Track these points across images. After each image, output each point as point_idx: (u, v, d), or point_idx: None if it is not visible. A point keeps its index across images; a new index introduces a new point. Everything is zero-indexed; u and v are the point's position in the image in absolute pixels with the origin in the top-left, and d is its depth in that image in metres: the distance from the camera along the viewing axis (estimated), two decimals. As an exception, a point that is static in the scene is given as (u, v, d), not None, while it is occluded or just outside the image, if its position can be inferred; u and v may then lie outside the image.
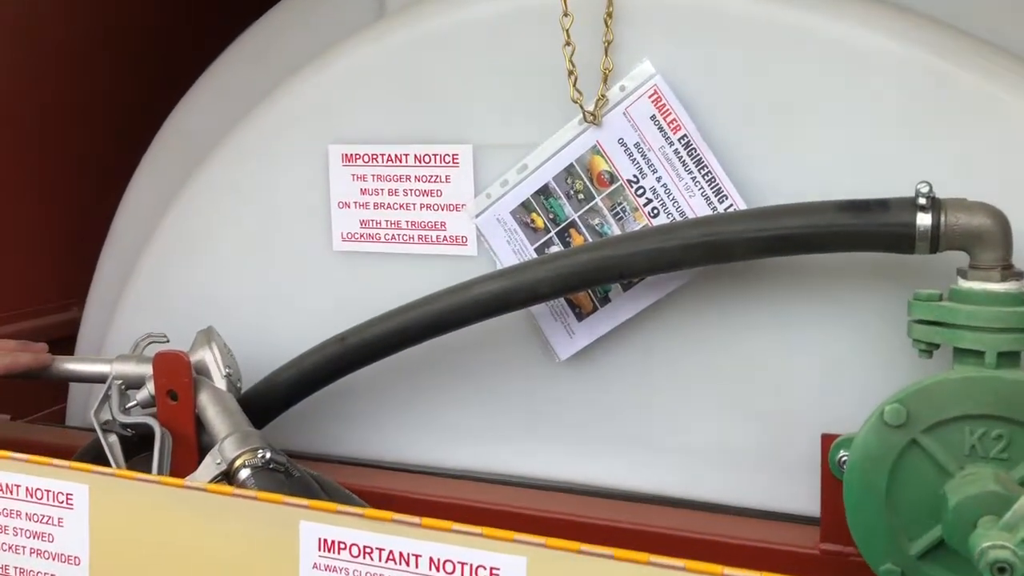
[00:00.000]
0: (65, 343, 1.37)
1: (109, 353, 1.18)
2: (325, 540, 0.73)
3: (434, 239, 1.08)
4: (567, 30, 0.96)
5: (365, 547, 0.71)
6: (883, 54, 0.90)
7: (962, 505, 0.73)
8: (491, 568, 0.68)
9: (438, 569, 0.69)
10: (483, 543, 0.68)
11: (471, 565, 0.68)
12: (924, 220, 0.80)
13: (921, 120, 0.89)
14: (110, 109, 1.50)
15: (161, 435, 1.00)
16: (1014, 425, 0.75)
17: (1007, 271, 0.79)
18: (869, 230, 0.82)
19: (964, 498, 0.73)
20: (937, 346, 0.82)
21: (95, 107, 1.48)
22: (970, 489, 0.73)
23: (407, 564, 0.70)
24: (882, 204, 0.83)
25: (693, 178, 0.95)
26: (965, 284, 0.80)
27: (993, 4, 0.94)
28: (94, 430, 1.17)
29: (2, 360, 1.07)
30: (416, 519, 0.70)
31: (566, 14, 0.95)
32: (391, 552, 0.71)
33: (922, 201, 0.80)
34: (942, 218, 0.80)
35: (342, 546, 0.72)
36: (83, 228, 1.46)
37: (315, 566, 0.73)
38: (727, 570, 0.63)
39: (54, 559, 0.83)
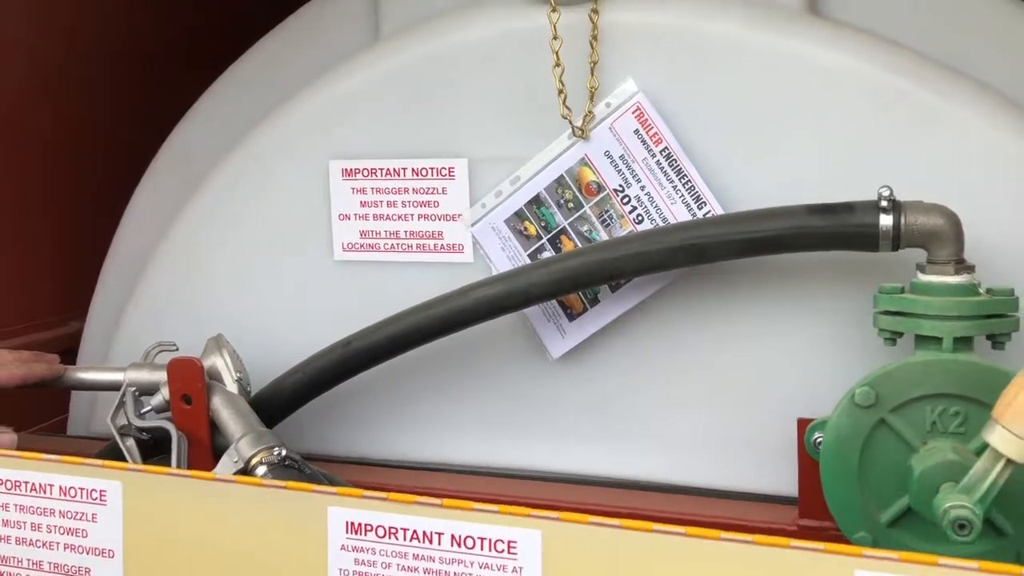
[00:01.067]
0: (65, 356, 1.40)
1: (113, 363, 1.22)
2: (352, 523, 0.78)
3: (432, 247, 1.14)
4: (556, 52, 1.02)
5: (390, 528, 0.77)
6: (847, 72, 0.97)
7: (925, 474, 0.80)
8: (509, 542, 0.74)
9: (459, 545, 0.75)
10: (501, 519, 0.74)
11: (490, 540, 0.74)
12: (886, 221, 0.88)
13: (881, 131, 0.96)
14: (111, 130, 1.53)
15: (177, 437, 1.05)
16: (969, 402, 0.82)
17: (960, 265, 0.87)
18: (837, 231, 0.90)
19: (927, 467, 0.80)
20: (901, 334, 0.89)
21: (97, 129, 1.51)
22: (932, 460, 0.80)
23: (430, 542, 0.76)
24: (848, 207, 0.90)
25: (674, 187, 1.03)
26: (924, 278, 0.88)
27: (944, 27, 1.03)
28: (97, 439, 1.22)
29: (19, 370, 1.10)
30: (437, 500, 0.76)
31: (555, 37, 1.02)
32: (415, 531, 0.76)
33: (884, 204, 0.88)
34: (902, 219, 0.88)
35: (368, 528, 0.77)
36: (81, 244, 1.49)
37: (343, 547, 0.78)
38: (724, 534, 0.70)
39: (88, 553, 0.87)
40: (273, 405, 1.12)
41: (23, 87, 1.38)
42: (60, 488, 0.88)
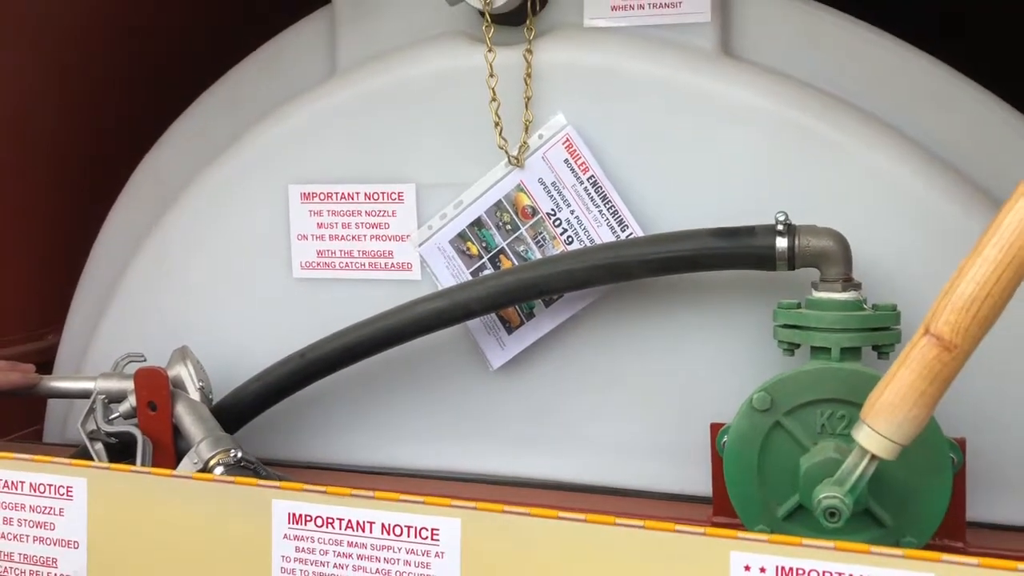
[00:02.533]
0: (42, 368, 1.47)
1: (86, 374, 1.30)
2: (294, 514, 0.86)
3: (382, 266, 1.22)
4: (493, 88, 1.12)
5: (328, 518, 0.85)
6: (755, 108, 1.07)
7: (809, 471, 0.88)
8: (432, 529, 0.82)
9: (389, 533, 0.83)
10: (425, 509, 0.82)
11: (415, 528, 0.82)
12: (782, 243, 0.97)
13: (781, 161, 1.06)
14: (87, 154, 1.61)
15: (142, 442, 1.12)
16: (853, 406, 0.90)
17: (847, 283, 0.96)
18: (739, 252, 0.99)
19: (811, 465, 0.89)
20: (798, 345, 0.97)
21: (72, 154, 1.59)
22: (816, 458, 0.89)
23: (363, 530, 0.84)
24: (749, 230, 0.99)
25: (600, 211, 1.12)
26: (816, 294, 0.96)
27: (842, 67, 1.12)
28: (70, 446, 1.29)
29: (-4, 378, 1.19)
30: (370, 492, 0.84)
31: (492, 75, 1.12)
32: (349, 521, 0.84)
33: (780, 228, 0.97)
34: (796, 241, 0.97)
35: (308, 518, 0.86)
36: (59, 262, 1.56)
37: (285, 536, 0.86)
38: (619, 520, 0.79)
39: (55, 544, 0.94)
40: (234, 412, 1.20)
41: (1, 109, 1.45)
42: (31, 485, 0.96)
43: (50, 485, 0.95)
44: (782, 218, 0.98)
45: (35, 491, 0.96)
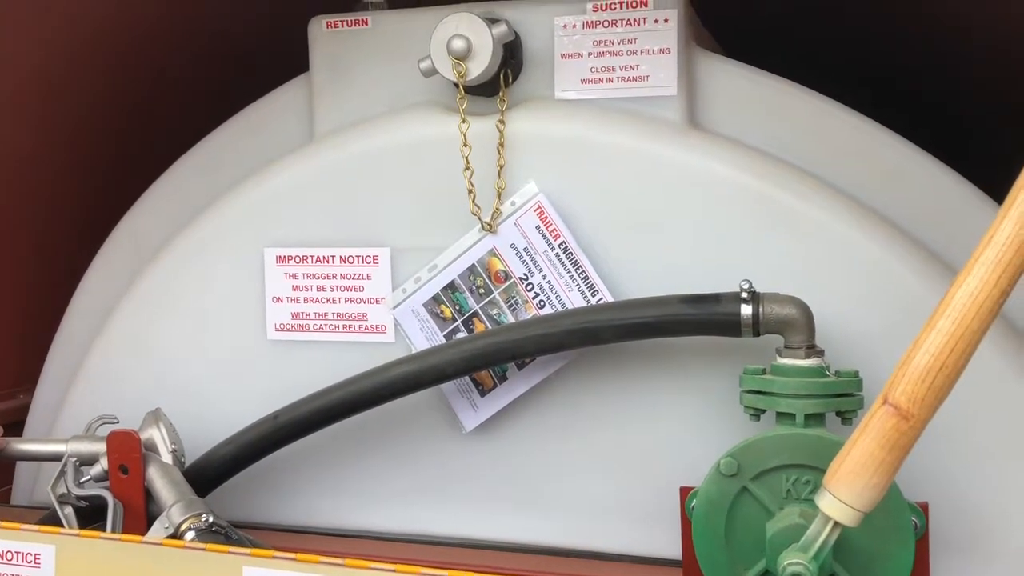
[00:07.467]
0: (13, 428, 1.46)
1: (59, 435, 1.29)
2: (264, 582, 0.87)
3: (357, 328, 1.23)
4: (466, 157, 1.15)
5: (298, 585, 0.86)
6: (720, 177, 1.10)
7: (775, 537, 0.90)
8: (403, 597, 0.83)
9: (359, 601, 0.84)
10: (395, 577, 0.83)
11: (386, 595, 0.83)
12: (746, 310, 1.00)
13: (746, 229, 1.09)
14: (66, 216, 1.62)
15: (113, 505, 1.12)
16: (817, 472, 0.92)
17: (811, 350, 0.98)
18: (705, 318, 1.01)
19: (776, 531, 0.90)
20: (764, 410, 1.00)
21: (51, 216, 1.60)
22: (781, 524, 0.91)
23: (332, 598, 0.85)
24: (715, 297, 1.02)
25: (571, 276, 1.14)
26: (780, 361, 0.99)
27: (803, 139, 1.17)
28: (40, 508, 1.28)
29: (-37, 441, 1.18)
30: (339, 560, 0.84)
31: (465, 144, 1.15)
32: (319, 588, 0.85)
33: (745, 295, 1.00)
34: (760, 309, 0.99)
35: (278, 586, 0.86)
36: (32, 322, 1.56)
37: (255, 604, 0.87)
38: (587, 586, 0.80)
39: None
40: (206, 475, 1.20)
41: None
42: (-3, 552, 0.95)
43: (17, 552, 0.94)
44: (746, 286, 1.01)
45: (1, 558, 0.95)
